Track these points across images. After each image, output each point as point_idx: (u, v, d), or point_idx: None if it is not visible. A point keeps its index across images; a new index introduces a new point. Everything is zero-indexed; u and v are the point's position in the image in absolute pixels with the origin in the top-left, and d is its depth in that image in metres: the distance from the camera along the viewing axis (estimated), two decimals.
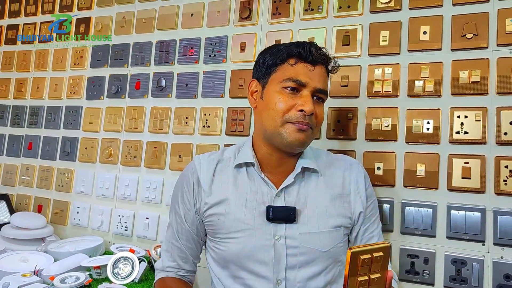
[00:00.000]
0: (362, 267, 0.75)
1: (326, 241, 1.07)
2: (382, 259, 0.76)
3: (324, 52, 1.11)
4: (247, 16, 1.69)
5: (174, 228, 1.19)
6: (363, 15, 1.50)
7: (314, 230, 1.06)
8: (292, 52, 1.07)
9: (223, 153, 1.20)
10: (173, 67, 1.84)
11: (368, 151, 1.43)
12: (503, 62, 1.29)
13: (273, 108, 1.05)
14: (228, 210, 1.09)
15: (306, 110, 1.02)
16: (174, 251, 1.19)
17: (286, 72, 1.06)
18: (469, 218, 1.27)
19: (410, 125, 1.38)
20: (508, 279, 1.21)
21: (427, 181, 1.34)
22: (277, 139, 1.06)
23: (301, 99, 1.04)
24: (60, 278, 1.38)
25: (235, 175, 1.13)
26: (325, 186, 1.12)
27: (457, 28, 1.36)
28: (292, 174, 1.11)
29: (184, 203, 1.16)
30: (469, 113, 1.31)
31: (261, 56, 1.14)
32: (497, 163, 1.26)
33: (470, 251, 1.27)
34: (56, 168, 2.07)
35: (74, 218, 1.97)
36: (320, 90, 1.07)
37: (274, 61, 1.09)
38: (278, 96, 1.05)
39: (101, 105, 1.99)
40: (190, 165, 1.20)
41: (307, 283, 1.05)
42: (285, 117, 1.04)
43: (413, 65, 1.40)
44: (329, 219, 1.09)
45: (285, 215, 1.06)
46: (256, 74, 1.15)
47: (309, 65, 1.06)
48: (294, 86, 1.04)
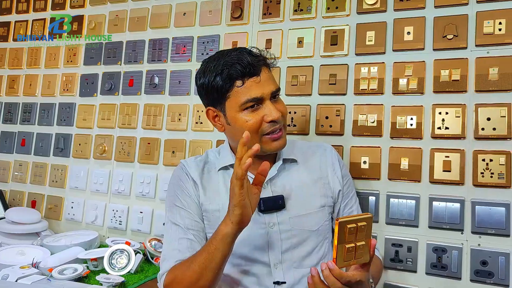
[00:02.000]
0: (349, 235, 0.84)
1: (314, 220, 1.16)
2: (366, 228, 0.85)
3: (258, 55, 1.12)
4: (238, 16, 1.75)
5: (181, 224, 1.15)
6: (350, 16, 1.57)
7: (303, 212, 1.15)
8: (234, 75, 1.07)
9: (207, 155, 1.27)
10: (166, 65, 1.88)
11: (354, 146, 1.50)
12: (481, 62, 1.37)
13: (245, 130, 1.07)
14: (222, 206, 1.16)
15: (275, 118, 1.07)
16: (184, 245, 1.12)
17: (240, 96, 1.07)
18: (449, 208, 1.35)
19: (395, 121, 1.45)
20: (484, 264, 1.29)
21: (410, 174, 1.42)
22: (259, 153, 1.11)
23: (265, 110, 1.08)
24: (58, 270, 1.42)
25: (222, 176, 1.21)
26: (305, 172, 1.21)
27: (439, 29, 1.43)
28: (274, 167, 1.18)
29: (188, 196, 1.18)
30: (450, 110, 1.39)
31: (202, 81, 1.13)
32: (475, 156, 1.34)
33: (450, 240, 1.35)
34: (50, 164, 2.10)
35: (68, 213, 2.01)
36: (275, 91, 1.11)
37: (222, 89, 1.08)
38: (244, 118, 1.08)
39: (94, 102, 2.03)
40: (180, 167, 1.25)
41: (301, 262, 1.13)
42: (260, 132, 1.09)
43: (397, 64, 1.48)
44: (314, 200, 1.18)
45: (275, 204, 1.14)
46: (207, 101, 1.15)
47: (254, 77, 1.07)
48: (253, 104, 1.08)
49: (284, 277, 1.12)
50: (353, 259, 0.86)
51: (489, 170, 1.32)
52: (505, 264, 1.27)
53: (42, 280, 1.36)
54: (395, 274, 1.41)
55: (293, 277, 1.13)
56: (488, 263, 1.29)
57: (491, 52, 1.36)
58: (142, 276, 1.51)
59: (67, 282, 1.36)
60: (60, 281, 1.36)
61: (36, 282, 1.33)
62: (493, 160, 1.32)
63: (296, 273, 1.13)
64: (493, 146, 1.33)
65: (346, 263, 0.87)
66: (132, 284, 1.43)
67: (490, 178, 1.32)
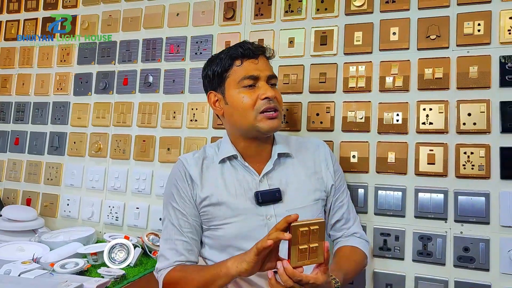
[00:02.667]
0: (302, 238, 0.93)
1: (310, 213, 1.22)
2: (318, 231, 0.94)
3: (259, 44, 1.25)
4: (231, 17, 1.81)
5: (176, 224, 1.23)
6: (339, 17, 1.64)
7: (299, 205, 1.22)
8: (234, 55, 1.20)
9: (204, 151, 1.32)
10: (160, 64, 1.93)
11: (344, 141, 1.58)
12: (462, 61, 1.45)
13: (241, 107, 1.19)
14: (221, 199, 1.21)
15: (269, 96, 1.17)
16: (180, 246, 1.21)
17: (238, 74, 1.20)
18: (434, 199, 1.44)
19: (382, 117, 1.53)
20: (466, 251, 1.38)
21: (397, 167, 1.50)
22: (254, 131, 1.21)
23: (261, 89, 1.19)
24: (60, 264, 1.46)
25: (220, 169, 1.26)
26: (300, 167, 1.28)
27: (422, 29, 1.51)
28: (270, 161, 1.26)
29: (182, 198, 1.24)
30: (433, 106, 1.47)
31: (207, 70, 1.27)
32: (457, 150, 1.43)
33: (435, 228, 1.43)
34: (45, 162, 2.12)
35: (64, 210, 2.04)
36: (271, 76, 1.22)
37: (222, 69, 1.22)
38: (241, 95, 1.19)
39: (89, 101, 2.06)
40: (178, 164, 1.30)
41: None
42: (255, 109, 1.18)
43: (384, 63, 1.55)
44: (309, 194, 1.26)
45: (272, 197, 1.21)
46: (210, 87, 1.27)
47: (253, 59, 1.21)
48: (250, 82, 1.19)
49: None
50: (307, 259, 0.94)
51: (470, 162, 1.41)
52: (485, 249, 1.36)
53: (45, 274, 1.39)
54: (384, 262, 1.49)
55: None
56: (470, 249, 1.38)
57: (471, 52, 1.45)
58: (142, 269, 1.56)
59: (69, 276, 1.40)
60: (63, 274, 1.41)
61: (39, 276, 1.37)
62: (474, 153, 1.41)
63: None
64: (473, 139, 1.42)
65: (300, 263, 0.94)
66: (132, 276, 1.48)
67: (471, 169, 1.40)
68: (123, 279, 1.45)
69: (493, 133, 1.40)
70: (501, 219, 1.36)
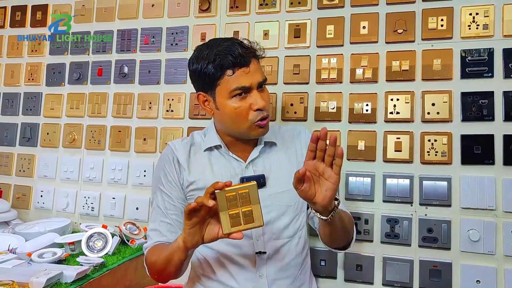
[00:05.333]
0: (230, 203, 0.93)
1: (291, 196, 1.25)
2: (249, 195, 0.94)
3: (249, 46, 1.20)
4: (206, 8, 1.83)
5: (162, 206, 1.25)
6: (311, 11, 1.70)
7: (281, 189, 1.26)
8: (225, 65, 1.15)
9: (192, 137, 1.35)
10: (135, 54, 1.94)
11: (317, 130, 1.61)
12: (427, 54, 1.54)
13: (234, 116, 1.18)
14: (207, 184, 1.22)
15: (261, 106, 1.18)
16: (163, 227, 1.24)
17: (229, 84, 1.16)
18: (401, 184, 1.53)
19: (352, 107, 1.61)
20: (430, 231, 1.48)
21: (366, 155, 1.58)
22: (244, 136, 1.24)
23: (252, 98, 1.17)
24: (37, 254, 1.46)
25: (208, 156, 1.30)
26: (284, 154, 1.33)
27: (390, 24, 1.59)
28: (256, 149, 1.29)
29: (169, 181, 1.28)
30: (400, 97, 1.56)
31: (195, 67, 1.21)
32: (422, 138, 1.52)
33: (401, 211, 1.53)
34: (16, 154, 2.09)
35: (37, 201, 2.02)
36: (262, 82, 1.20)
37: (213, 77, 1.17)
38: (233, 105, 1.17)
39: (62, 92, 2.05)
40: (167, 149, 1.32)
41: (280, 233, 1.25)
42: (250, 120, 1.18)
43: (354, 56, 1.63)
44: (291, 179, 1.27)
45: (257, 182, 1.23)
46: (198, 86, 1.24)
47: (244, 68, 1.16)
48: (241, 92, 1.18)
49: (265, 247, 1.23)
50: (241, 224, 0.94)
51: (434, 149, 1.50)
52: (447, 230, 1.46)
53: (22, 263, 1.40)
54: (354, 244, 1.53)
55: (273, 247, 1.24)
56: (433, 230, 1.48)
57: (434, 45, 1.54)
58: (120, 257, 1.58)
59: (48, 265, 1.40)
60: (41, 264, 1.41)
61: (17, 266, 1.37)
62: (437, 141, 1.50)
63: (276, 243, 1.24)
64: (437, 128, 1.51)
65: (235, 229, 0.94)
66: (111, 264, 1.50)
67: (435, 156, 1.50)
68: (103, 267, 1.47)
69: (455, 121, 1.50)
70: (461, 201, 1.46)
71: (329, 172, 1.00)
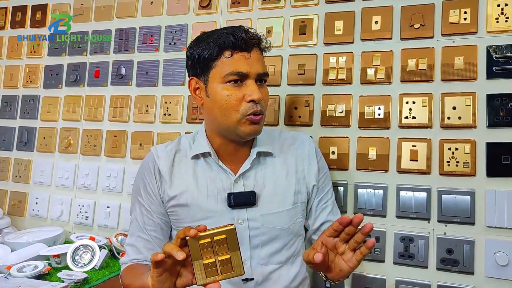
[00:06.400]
0: (204, 251, 0.79)
1: (286, 219, 1.13)
2: (227, 241, 0.80)
3: (254, 34, 1.10)
4: (207, 5, 1.71)
5: (140, 221, 1.16)
6: (319, 5, 1.55)
7: (274, 210, 1.12)
8: (225, 44, 1.04)
9: (179, 143, 1.21)
10: (132, 55, 1.83)
11: (323, 136, 1.49)
12: (447, 51, 1.37)
13: (224, 105, 1.05)
14: (190, 200, 1.11)
15: (255, 99, 1.04)
16: (141, 244, 1.14)
17: (225, 67, 1.04)
18: (416, 198, 1.35)
19: (363, 111, 1.45)
20: (450, 253, 1.30)
21: (378, 164, 1.41)
22: (232, 133, 1.09)
23: (247, 88, 1.04)
24: (17, 268, 1.37)
25: (193, 166, 1.15)
26: (281, 166, 1.17)
27: (406, 18, 1.43)
28: (248, 160, 1.14)
29: (148, 194, 1.15)
30: (417, 99, 1.39)
31: (193, 50, 1.11)
32: (441, 145, 1.35)
33: (417, 229, 1.35)
34: (13, 159, 2.02)
35: (32, 209, 1.94)
36: (262, 74, 1.08)
37: (209, 57, 1.06)
38: (224, 91, 1.05)
39: (59, 94, 1.96)
40: (149, 156, 1.19)
41: (270, 259, 1.11)
42: (240, 112, 1.04)
43: (365, 54, 1.47)
44: (287, 198, 1.14)
45: (245, 200, 1.10)
46: (193, 71, 1.12)
47: (245, 53, 1.05)
48: (237, 78, 1.04)
49: (253, 274, 1.09)
50: (218, 274, 0.81)
51: (454, 159, 1.32)
52: (470, 252, 1.28)
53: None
54: (363, 265, 1.41)
55: (262, 273, 1.10)
56: (454, 251, 1.30)
57: (456, 42, 1.37)
58: (107, 272, 1.47)
59: (25, 280, 1.30)
60: (19, 278, 1.31)
61: None
62: (459, 149, 1.32)
63: (264, 269, 1.11)
64: (458, 135, 1.33)
65: (210, 279, 0.80)
66: (95, 280, 1.39)
67: (456, 166, 1.32)
68: (85, 283, 1.36)
69: (479, 128, 1.31)
70: (486, 219, 1.28)
71: (350, 256, 0.90)
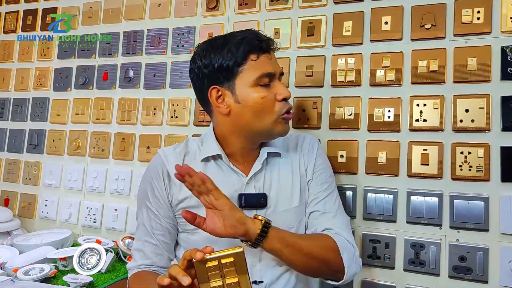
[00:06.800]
0: (211, 274, 0.77)
1: (292, 217, 1.13)
2: (235, 264, 0.78)
3: (267, 36, 1.13)
4: (214, 6, 1.69)
5: (147, 225, 1.14)
6: (327, 6, 1.52)
7: (282, 208, 1.12)
8: (250, 48, 1.05)
9: (187, 145, 1.19)
10: (140, 57, 1.83)
11: (331, 140, 1.46)
12: (460, 52, 1.33)
13: (260, 108, 1.06)
14: (199, 202, 1.09)
15: (287, 96, 1.08)
16: (148, 248, 1.13)
17: (255, 70, 1.05)
18: (428, 203, 1.31)
19: (372, 113, 1.41)
20: (463, 260, 1.26)
21: (388, 168, 1.38)
22: (266, 134, 1.11)
23: (277, 88, 1.08)
24: (23, 270, 1.37)
25: (203, 168, 1.13)
26: (287, 166, 1.17)
27: (417, 18, 1.39)
28: (258, 161, 1.13)
29: (156, 198, 1.14)
30: (428, 102, 1.35)
31: (210, 59, 1.07)
32: (453, 149, 1.30)
33: (428, 235, 1.31)
34: (23, 161, 2.04)
35: (42, 211, 1.95)
36: (282, 73, 1.13)
37: (234, 63, 1.05)
38: (258, 94, 1.05)
39: (68, 97, 1.97)
40: (157, 159, 1.17)
41: (279, 261, 1.07)
42: (277, 112, 1.07)
43: (375, 55, 1.43)
44: (293, 197, 1.14)
45: (257, 202, 1.10)
46: (212, 81, 1.08)
47: (267, 54, 1.08)
48: (267, 80, 1.06)
49: (262, 276, 1.08)
50: None
51: (467, 163, 1.28)
52: (483, 259, 1.23)
53: (5, 281, 1.30)
54: (373, 271, 1.37)
55: (271, 275, 1.09)
56: (467, 259, 1.25)
57: (469, 42, 1.32)
58: (113, 275, 1.46)
59: (31, 283, 1.31)
60: (25, 282, 1.31)
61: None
62: (472, 153, 1.28)
63: (274, 271, 1.09)
64: (471, 138, 1.29)
65: None
66: (101, 284, 1.38)
67: (469, 171, 1.28)
68: (91, 286, 1.35)
69: (493, 131, 1.27)
70: (501, 226, 1.23)
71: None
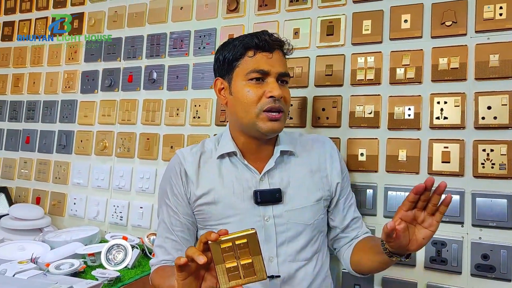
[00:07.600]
0: (226, 255, 0.80)
1: (310, 214, 1.15)
2: (248, 245, 0.80)
3: (277, 37, 1.15)
4: (234, 8, 1.73)
5: (167, 222, 1.19)
6: (346, 5, 1.53)
7: (298, 206, 1.14)
8: (248, 45, 1.11)
9: (203, 145, 1.25)
10: (164, 60, 1.88)
11: (351, 138, 1.47)
12: (481, 48, 1.32)
13: (245, 101, 1.10)
14: (217, 198, 1.14)
15: (275, 95, 1.08)
16: (169, 245, 1.18)
17: (248, 65, 1.11)
18: None
19: (392, 111, 1.41)
20: (485, 258, 1.25)
21: (408, 166, 1.38)
22: (253, 129, 1.12)
23: (268, 86, 1.09)
24: (55, 265, 1.43)
25: (219, 165, 1.18)
26: (303, 165, 1.19)
27: (437, 15, 1.38)
28: (272, 159, 1.16)
29: (175, 195, 1.19)
30: (449, 99, 1.34)
31: (219, 53, 1.18)
32: (475, 147, 1.29)
33: (450, 233, 1.31)
34: (53, 161, 2.12)
35: (71, 209, 2.03)
36: (283, 74, 1.12)
37: (233, 57, 1.13)
38: (246, 88, 1.10)
39: (95, 99, 2.04)
40: (175, 159, 1.23)
41: (297, 255, 1.12)
42: (258, 107, 1.09)
43: (394, 53, 1.43)
44: (310, 194, 1.17)
45: (272, 197, 1.13)
46: (219, 72, 1.19)
47: (267, 53, 1.11)
48: (259, 76, 1.10)
49: (279, 271, 1.10)
50: (241, 278, 0.81)
51: (490, 160, 1.27)
52: (507, 257, 1.22)
53: (38, 275, 1.36)
54: (394, 269, 1.37)
55: (288, 270, 1.11)
56: (489, 257, 1.24)
57: (491, 38, 1.31)
58: (139, 271, 1.51)
59: (63, 277, 1.36)
60: (57, 275, 1.37)
61: (32, 277, 1.34)
62: (494, 150, 1.27)
63: (291, 266, 1.12)
64: (494, 135, 1.28)
65: (233, 283, 0.81)
66: (128, 279, 1.43)
67: (491, 169, 1.27)
68: (118, 281, 1.40)
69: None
70: None
71: (430, 221, 0.92)
